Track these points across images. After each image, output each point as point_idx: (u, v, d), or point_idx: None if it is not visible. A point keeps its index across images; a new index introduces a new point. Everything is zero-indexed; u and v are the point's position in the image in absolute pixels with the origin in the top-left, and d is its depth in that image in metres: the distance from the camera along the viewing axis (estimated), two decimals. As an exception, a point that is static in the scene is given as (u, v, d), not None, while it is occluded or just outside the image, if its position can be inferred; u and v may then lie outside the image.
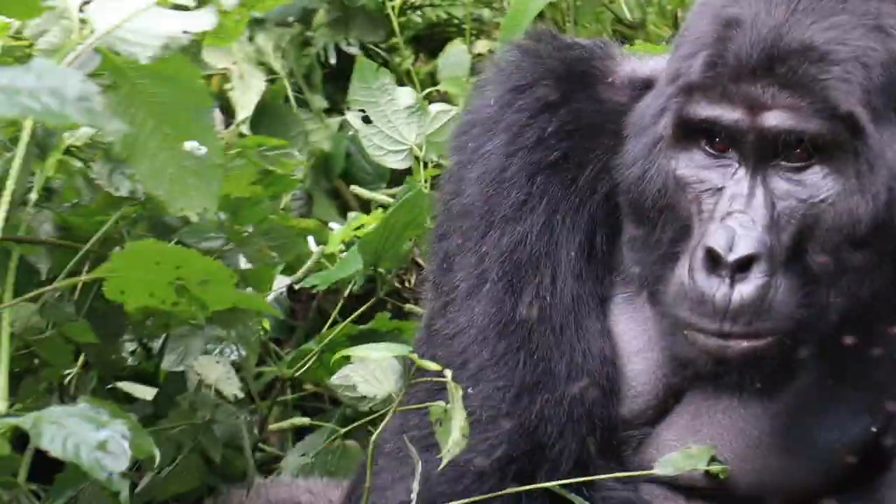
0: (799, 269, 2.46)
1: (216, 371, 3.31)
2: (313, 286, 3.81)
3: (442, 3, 4.78)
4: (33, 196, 2.90)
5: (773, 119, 2.41)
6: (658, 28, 4.14)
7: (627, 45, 3.15)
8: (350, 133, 4.49)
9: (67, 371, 3.15)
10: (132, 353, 3.32)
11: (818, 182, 2.45)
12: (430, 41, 4.75)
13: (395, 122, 4.07)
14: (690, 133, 2.48)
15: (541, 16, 4.23)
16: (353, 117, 4.22)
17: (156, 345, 3.31)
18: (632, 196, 2.56)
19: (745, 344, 2.43)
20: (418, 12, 4.79)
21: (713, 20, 2.49)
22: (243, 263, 3.16)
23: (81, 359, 3.16)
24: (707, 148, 2.48)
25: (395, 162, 4.16)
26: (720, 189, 2.46)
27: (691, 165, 2.48)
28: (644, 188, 2.52)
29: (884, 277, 2.57)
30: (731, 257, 2.39)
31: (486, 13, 4.84)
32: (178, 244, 2.98)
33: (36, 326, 2.89)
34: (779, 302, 2.42)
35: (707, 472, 2.60)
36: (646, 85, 2.71)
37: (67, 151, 2.99)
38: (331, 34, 4.67)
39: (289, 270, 3.80)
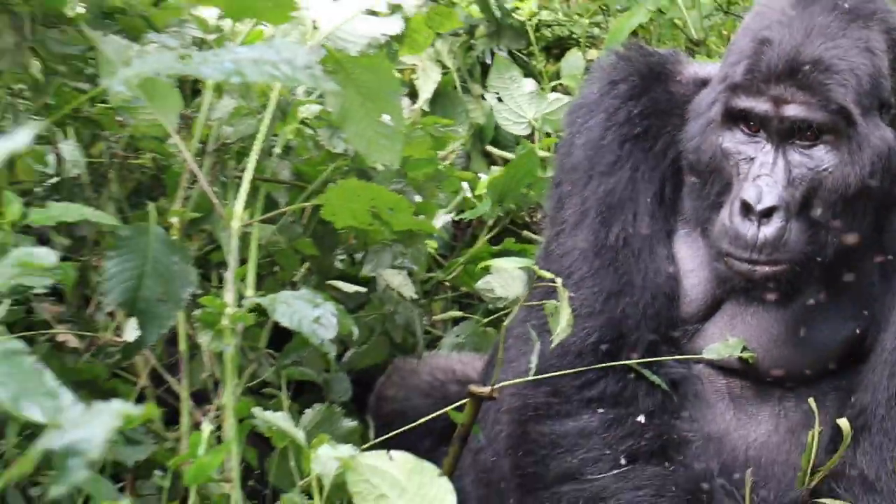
0: (806, 217, 2.62)
1: (398, 278, 3.48)
2: (463, 218, 3.94)
3: (565, 24, 4.89)
4: (277, 150, 3.05)
5: (792, 111, 2.60)
6: (716, 46, 4.20)
7: (693, 56, 3.30)
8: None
9: (295, 273, 3.27)
10: (341, 261, 3.47)
11: (822, 156, 2.63)
12: (557, 49, 4.89)
13: (519, 101, 4.31)
14: (733, 118, 2.65)
15: (633, 33, 4.37)
16: (490, 97, 4.45)
17: (357, 257, 3.43)
18: (691, 159, 2.72)
19: (766, 269, 2.60)
20: (549, 29, 4.91)
21: (752, 39, 2.66)
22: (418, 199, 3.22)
23: (306, 265, 3.31)
24: (744, 129, 2.65)
25: (519, 130, 4.40)
26: (752, 158, 2.63)
27: (733, 141, 2.66)
28: (700, 155, 2.69)
29: (867, 224, 2.72)
30: (759, 207, 2.56)
31: (596, 31, 4.95)
32: (372, 185, 3.07)
33: (275, 241, 3.07)
34: (792, 240, 2.59)
35: (740, 358, 2.75)
36: (704, 83, 2.86)
37: (302, 122, 3.14)
38: (487, 42, 4.82)
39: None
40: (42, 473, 2.36)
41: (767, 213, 2.60)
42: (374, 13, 2.87)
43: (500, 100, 4.51)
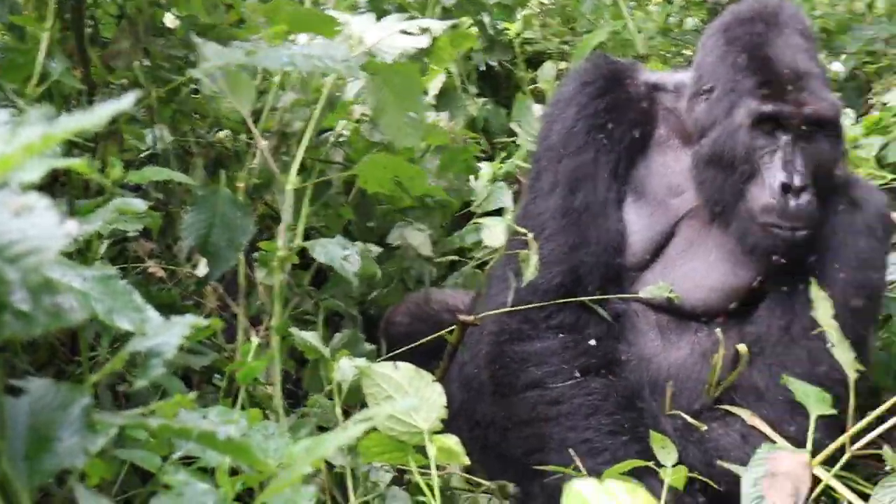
0: (814, 191, 2.61)
1: (419, 238, 3.48)
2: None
3: (542, 41, 4.91)
4: (332, 138, 3.11)
5: (809, 111, 2.59)
6: (656, 59, 4.22)
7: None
8: (488, 107, 4.68)
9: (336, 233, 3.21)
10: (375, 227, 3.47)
11: (821, 144, 2.63)
12: (536, 61, 4.86)
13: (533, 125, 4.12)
14: (761, 121, 2.62)
15: (595, 49, 4.35)
16: (514, 126, 4.35)
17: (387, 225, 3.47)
18: (721, 158, 2.68)
19: (804, 233, 2.60)
20: (529, 45, 4.92)
21: (751, 57, 2.66)
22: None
23: (345, 225, 3.34)
24: (765, 128, 2.63)
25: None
26: (775, 150, 2.61)
27: (759, 138, 2.63)
28: (731, 153, 2.65)
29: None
30: (795, 185, 2.57)
31: (566, 47, 4.96)
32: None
33: (323, 208, 3.14)
34: (814, 210, 2.59)
35: (667, 298, 2.74)
36: (654, 87, 2.91)
37: (357, 121, 3.20)
38: (483, 55, 4.80)
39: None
40: (130, 373, 2.35)
41: (800, 191, 2.59)
42: (407, 33, 2.85)
43: (520, 125, 4.38)
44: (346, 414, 2.42)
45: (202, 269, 2.73)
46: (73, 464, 1.24)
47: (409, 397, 2.14)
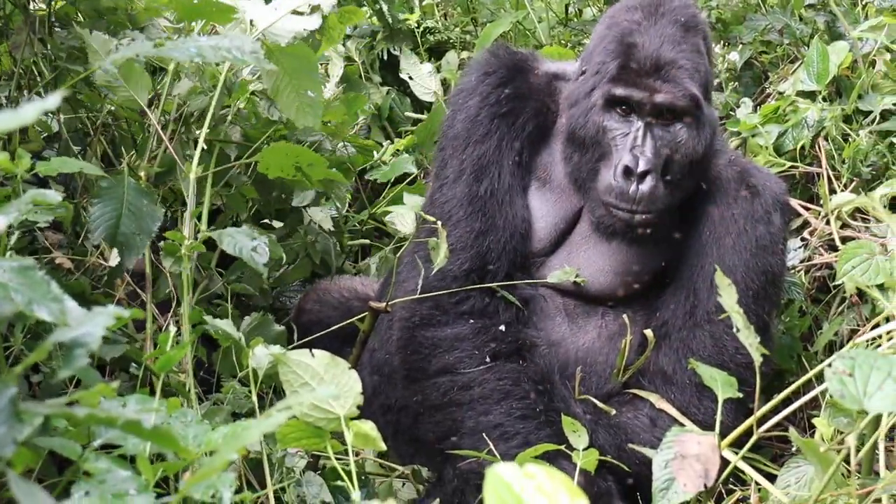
0: (667, 178, 2.68)
1: (319, 214, 3.55)
2: (374, 178, 3.95)
3: (444, 31, 4.92)
4: (229, 116, 3.09)
5: (661, 98, 2.65)
6: (558, 48, 4.25)
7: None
8: (392, 96, 4.71)
9: (241, 211, 3.33)
10: (276, 200, 3.45)
11: (678, 132, 2.69)
12: (438, 50, 4.89)
13: (424, 77, 4.48)
14: (612, 103, 2.69)
15: (497, 38, 4.40)
16: (404, 75, 4.54)
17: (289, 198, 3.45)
18: (574, 135, 2.75)
19: (642, 217, 2.65)
20: (431, 35, 4.93)
21: (619, 43, 2.72)
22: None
23: (249, 203, 3.35)
24: (619, 111, 2.70)
25: (427, 98, 4.59)
26: (626, 134, 2.68)
27: (611, 121, 2.69)
28: (584, 131, 2.72)
29: (695, 184, 2.80)
30: (638, 170, 2.62)
31: (468, 37, 4.98)
32: (298, 142, 3.15)
33: (225, 188, 3.12)
34: (659, 195, 2.65)
35: (574, 283, 2.79)
36: (555, 76, 2.95)
37: (252, 94, 3.18)
38: (385, 43, 4.79)
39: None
40: (45, 364, 2.34)
41: (643, 175, 2.64)
42: (298, 13, 2.87)
43: (411, 77, 4.56)
44: (260, 399, 2.43)
45: (113, 259, 2.73)
46: (1, 453, 1.25)
47: (326, 384, 2.16)
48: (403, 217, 2.71)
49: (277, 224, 3.46)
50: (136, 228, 2.49)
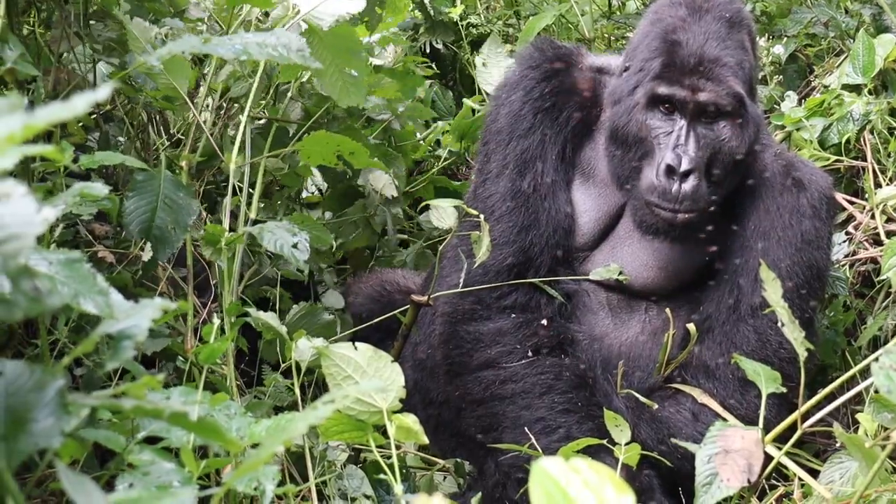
0: (709, 176, 2.66)
1: (382, 180, 3.55)
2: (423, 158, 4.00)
3: (485, 25, 4.93)
4: (290, 93, 3.09)
5: (704, 96, 2.63)
6: (601, 43, 4.22)
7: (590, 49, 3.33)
8: (434, 89, 4.71)
9: (298, 189, 3.40)
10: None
11: (722, 130, 2.67)
12: (480, 43, 4.75)
13: (501, 69, 4.18)
14: (655, 102, 2.67)
15: (540, 32, 4.40)
16: (478, 59, 4.45)
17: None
18: (617, 133, 2.74)
19: (685, 216, 2.63)
20: (474, 28, 4.93)
21: (662, 40, 2.70)
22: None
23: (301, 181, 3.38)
24: (662, 109, 2.68)
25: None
26: (670, 132, 2.66)
27: (654, 119, 2.68)
28: (627, 129, 2.70)
29: (739, 180, 2.78)
30: (681, 169, 2.60)
31: (510, 30, 5.00)
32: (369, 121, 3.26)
33: (279, 166, 3.11)
34: (701, 194, 2.63)
35: (617, 280, 2.79)
36: (599, 71, 2.95)
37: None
38: (427, 35, 4.83)
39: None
40: (88, 356, 2.35)
41: (686, 175, 2.62)
42: (340, -1, 2.87)
43: (484, 64, 4.44)
44: (302, 390, 2.44)
45: (147, 254, 2.67)
46: (49, 444, 1.26)
47: (369, 378, 2.17)
48: (440, 211, 2.70)
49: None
50: (172, 222, 2.46)
